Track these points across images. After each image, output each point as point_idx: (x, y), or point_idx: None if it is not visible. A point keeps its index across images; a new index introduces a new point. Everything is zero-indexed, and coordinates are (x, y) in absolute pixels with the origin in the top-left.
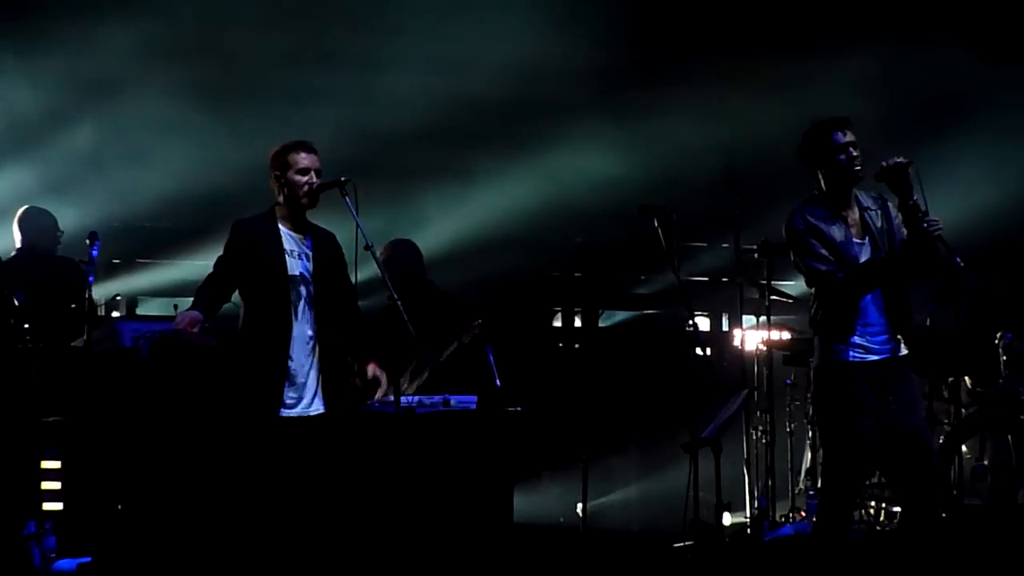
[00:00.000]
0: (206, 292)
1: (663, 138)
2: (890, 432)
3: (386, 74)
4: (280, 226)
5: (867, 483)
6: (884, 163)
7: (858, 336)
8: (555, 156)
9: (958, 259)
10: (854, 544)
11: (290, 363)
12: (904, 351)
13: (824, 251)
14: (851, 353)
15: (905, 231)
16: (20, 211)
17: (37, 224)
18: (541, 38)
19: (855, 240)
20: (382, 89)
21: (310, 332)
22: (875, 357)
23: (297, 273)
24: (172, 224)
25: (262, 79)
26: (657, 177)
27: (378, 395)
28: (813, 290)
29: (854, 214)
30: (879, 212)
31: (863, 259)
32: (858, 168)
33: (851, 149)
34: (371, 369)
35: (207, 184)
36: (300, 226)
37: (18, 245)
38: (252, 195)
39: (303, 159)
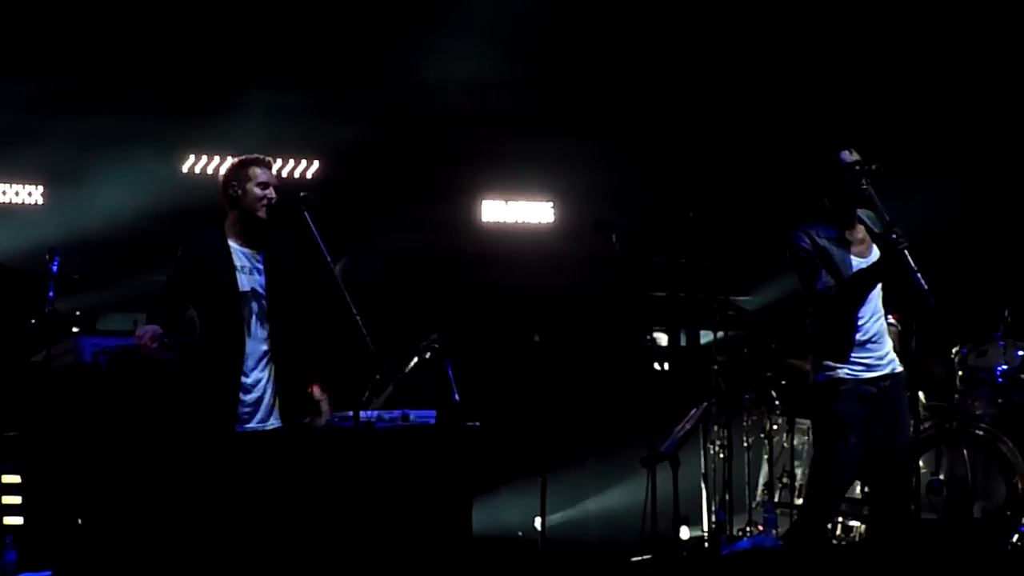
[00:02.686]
0: (159, 309)
1: None
2: (876, 445)
3: None
4: (230, 242)
5: None
6: (865, 167)
7: (856, 353)
8: None
9: (931, 298)
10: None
11: (244, 379)
12: (900, 368)
13: (826, 271)
14: (846, 370)
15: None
16: None
17: None
18: None
19: (857, 260)
20: None
21: (264, 348)
22: (872, 374)
23: (248, 289)
24: (132, 238)
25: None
26: None
27: (320, 420)
28: (810, 309)
29: (857, 233)
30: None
31: None
32: (866, 188)
33: (858, 167)
34: (316, 391)
35: (164, 199)
36: (253, 240)
37: None
38: (214, 209)
39: (261, 173)
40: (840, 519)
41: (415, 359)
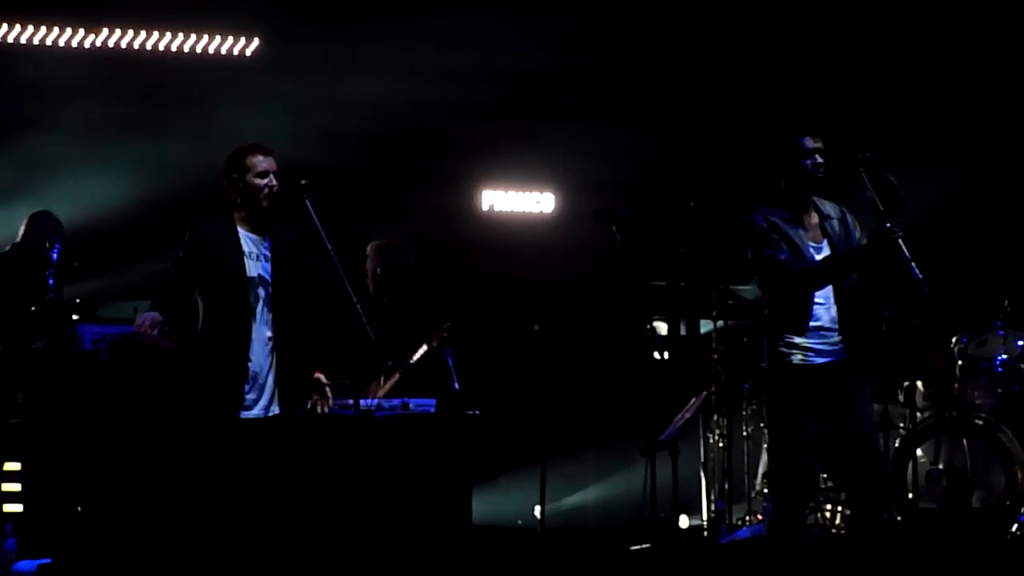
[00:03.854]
0: (164, 294)
1: None
2: (838, 435)
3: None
4: (238, 228)
5: (823, 486)
6: (859, 155)
7: (807, 338)
8: None
9: (926, 287)
10: (809, 547)
11: (249, 364)
12: (852, 354)
13: (784, 246)
14: (799, 356)
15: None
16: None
17: (36, 228)
18: None
19: (811, 244)
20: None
21: (269, 333)
22: (823, 360)
23: (256, 275)
24: (132, 227)
25: (219, 83)
26: None
27: (327, 403)
28: (763, 290)
29: (812, 219)
30: (839, 221)
31: None
32: (822, 176)
33: (817, 156)
34: (322, 376)
35: (167, 186)
36: (259, 227)
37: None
38: (213, 197)
39: (261, 162)
40: (840, 508)
41: (424, 347)
